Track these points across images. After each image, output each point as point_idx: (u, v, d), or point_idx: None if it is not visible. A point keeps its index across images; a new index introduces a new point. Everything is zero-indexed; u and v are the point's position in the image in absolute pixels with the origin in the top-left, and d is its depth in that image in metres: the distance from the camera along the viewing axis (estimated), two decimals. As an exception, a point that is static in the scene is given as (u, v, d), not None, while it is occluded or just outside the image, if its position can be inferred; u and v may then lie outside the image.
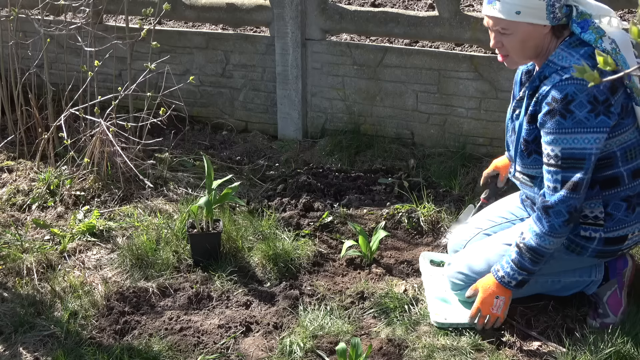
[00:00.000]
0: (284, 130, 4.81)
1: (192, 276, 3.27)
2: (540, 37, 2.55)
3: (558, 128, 2.47)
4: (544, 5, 2.48)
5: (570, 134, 2.46)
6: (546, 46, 2.59)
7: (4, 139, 4.43)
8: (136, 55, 4.63)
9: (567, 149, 2.48)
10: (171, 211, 3.80)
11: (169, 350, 2.78)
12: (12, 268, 3.31)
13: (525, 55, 2.63)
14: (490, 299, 2.77)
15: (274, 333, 2.90)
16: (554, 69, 2.52)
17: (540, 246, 2.62)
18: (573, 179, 2.51)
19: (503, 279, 2.74)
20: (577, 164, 2.50)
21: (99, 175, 4.00)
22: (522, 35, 2.54)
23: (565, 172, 2.52)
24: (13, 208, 3.89)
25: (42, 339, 2.87)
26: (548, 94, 2.49)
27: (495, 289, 2.77)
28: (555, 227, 2.56)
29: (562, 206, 2.54)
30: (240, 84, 4.89)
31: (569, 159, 2.49)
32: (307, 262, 3.36)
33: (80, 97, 4.15)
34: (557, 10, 2.50)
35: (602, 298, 2.89)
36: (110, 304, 3.07)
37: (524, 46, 2.57)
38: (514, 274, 2.70)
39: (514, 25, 2.52)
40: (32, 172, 4.21)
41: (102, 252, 3.51)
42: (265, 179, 4.26)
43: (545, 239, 2.60)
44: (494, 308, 2.77)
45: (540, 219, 2.59)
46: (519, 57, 2.65)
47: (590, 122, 2.44)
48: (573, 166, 2.50)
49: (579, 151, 2.48)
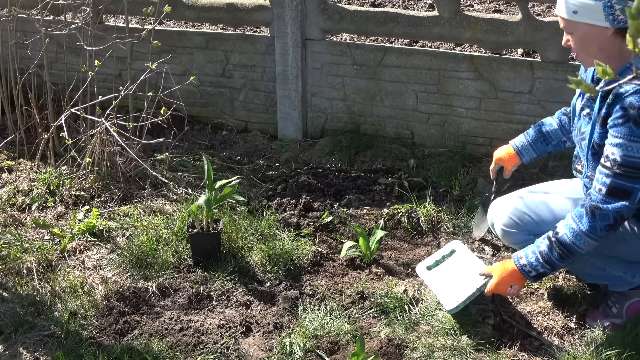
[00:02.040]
0: (284, 130, 4.81)
1: (192, 276, 3.27)
2: (604, 39, 2.46)
3: (628, 134, 2.38)
4: (600, 6, 2.40)
5: (638, 143, 2.38)
6: (617, 49, 2.47)
7: (4, 139, 4.43)
8: (136, 55, 4.63)
9: (629, 156, 2.40)
10: (171, 211, 3.80)
11: (169, 350, 2.78)
12: (12, 268, 3.31)
13: (590, 57, 2.53)
14: (504, 287, 2.73)
15: (274, 333, 2.90)
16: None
17: (574, 244, 2.54)
18: (626, 187, 2.44)
19: (524, 268, 2.66)
20: (633, 173, 2.42)
21: (99, 175, 4.00)
22: (581, 35, 2.49)
23: (619, 179, 2.44)
24: (13, 208, 3.89)
25: (42, 339, 2.87)
26: (625, 98, 2.38)
27: (511, 277, 2.71)
28: (596, 230, 2.49)
29: (611, 211, 2.46)
30: (240, 84, 4.88)
31: (627, 166, 2.42)
32: (307, 262, 3.36)
33: (80, 97, 4.14)
34: (619, 12, 2.38)
35: (626, 301, 2.87)
36: (110, 304, 3.07)
37: (585, 47, 2.51)
38: (537, 265, 2.63)
39: (573, 24, 2.50)
40: (32, 172, 4.21)
41: (102, 252, 3.51)
42: (265, 179, 4.26)
43: (582, 238, 2.52)
44: (507, 293, 2.76)
45: (581, 217, 2.52)
46: (584, 57, 2.57)
47: None
48: (629, 175, 2.42)
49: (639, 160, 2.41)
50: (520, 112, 4.20)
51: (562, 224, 2.59)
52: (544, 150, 3.11)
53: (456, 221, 3.65)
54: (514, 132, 4.24)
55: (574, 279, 3.17)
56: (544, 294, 3.11)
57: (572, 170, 2.90)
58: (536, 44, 4.07)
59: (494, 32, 4.11)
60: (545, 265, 2.62)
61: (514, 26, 4.06)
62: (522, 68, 4.11)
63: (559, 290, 3.12)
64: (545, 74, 4.08)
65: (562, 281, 3.17)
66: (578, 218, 2.53)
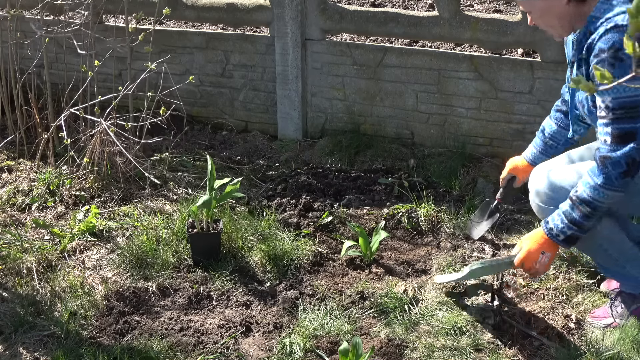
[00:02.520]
0: (284, 130, 4.81)
1: (192, 276, 3.27)
2: (561, 9, 2.53)
3: None
4: None
5: None
6: (576, 14, 2.53)
7: (4, 138, 4.43)
8: (136, 55, 4.63)
9: (617, 98, 2.40)
10: (171, 211, 3.80)
11: (169, 350, 2.78)
12: (12, 268, 3.31)
13: (556, 28, 2.62)
14: (536, 254, 2.68)
15: (273, 333, 2.90)
16: (598, 23, 2.45)
17: (593, 199, 2.52)
18: (628, 130, 2.43)
19: (552, 232, 2.64)
20: (629, 113, 2.42)
21: (99, 175, 4.00)
22: (539, 11, 2.58)
23: (619, 124, 2.43)
24: (13, 208, 3.89)
25: (42, 338, 2.87)
26: (595, 46, 2.42)
27: (543, 244, 2.68)
28: (611, 179, 2.48)
29: (621, 157, 2.44)
30: (240, 84, 4.88)
31: (620, 108, 2.41)
32: (307, 262, 3.36)
33: (80, 97, 4.14)
34: None
35: (634, 304, 2.87)
36: (110, 304, 3.07)
37: (547, 20, 2.60)
38: (564, 227, 2.60)
39: (529, 4, 2.59)
40: (32, 172, 4.21)
41: (102, 252, 3.51)
42: (265, 179, 4.26)
43: (599, 191, 2.50)
44: (537, 263, 2.69)
45: (595, 171, 2.51)
46: (549, 29, 2.65)
47: None
48: (625, 116, 2.42)
49: (631, 99, 2.40)
50: (521, 112, 4.20)
51: (580, 182, 2.58)
52: (557, 153, 3.11)
53: (456, 221, 3.65)
54: (514, 132, 4.24)
55: (574, 279, 3.17)
56: (544, 294, 3.11)
57: None
58: (536, 44, 4.07)
59: (494, 32, 4.11)
60: (571, 227, 2.59)
61: (514, 26, 4.07)
62: (522, 68, 4.11)
63: (559, 290, 3.12)
64: (545, 74, 4.07)
65: (561, 281, 3.17)
66: (592, 173, 2.52)
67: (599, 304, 3.02)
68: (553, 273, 3.24)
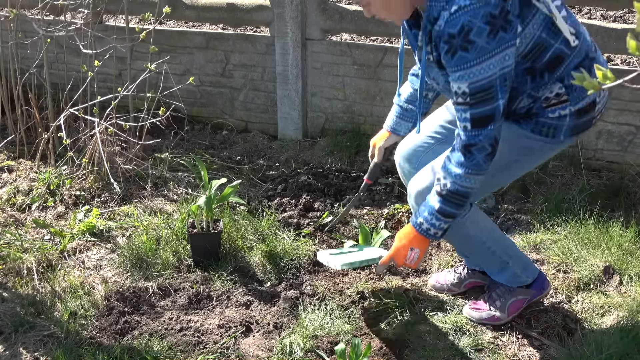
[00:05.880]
0: (284, 130, 4.81)
1: (192, 276, 3.27)
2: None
3: (463, 63, 2.31)
4: None
5: (475, 66, 2.30)
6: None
7: (4, 138, 4.43)
8: (136, 55, 4.63)
9: (474, 82, 2.33)
10: (171, 211, 3.80)
11: (169, 350, 2.79)
12: (12, 268, 3.31)
13: (399, 12, 2.47)
14: (404, 251, 2.66)
15: (274, 333, 2.90)
16: (440, 7, 2.33)
17: (465, 187, 2.48)
18: (487, 112, 2.38)
19: (429, 232, 2.59)
20: (486, 95, 2.35)
21: (99, 175, 4.00)
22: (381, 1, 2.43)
23: (477, 108, 2.37)
24: (13, 208, 3.89)
25: (42, 338, 2.87)
26: (443, 32, 2.32)
27: (412, 240, 2.65)
28: (480, 164, 2.44)
29: (484, 140, 2.41)
30: (241, 83, 4.88)
31: (478, 92, 2.35)
32: (307, 262, 3.36)
33: (80, 97, 4.14)
34: None
35: (510, 297, 2.92)
36: (110, 304, 3.07)
37: (389, 7, 2.45)
38: (440, 223, 2.57)
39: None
40: (32, 172, 4.21)
41: (102, 252, 3.51)
42: (265, 178, 4.26)
43: (469, 179, 2.47)
44: (407, 259, 2.67)
45: (461, 161, 2.45)
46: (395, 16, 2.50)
47: (491, 45, 2.27)
48: (482, 99, 2.36)
49: (487, 80, 2.33)
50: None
51: (445, 174, 2.52)
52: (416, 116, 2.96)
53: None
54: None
55: (572, 279, 3.17)
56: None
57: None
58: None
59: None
60: (447, 220, 2.56)
61: (514, 26, 4.06)
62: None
63: (558, 289, 3.12)
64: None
65: (561, 281, 3.17)
66: (458, 163, 2.46)
67: (599, 303, 3.02)
68: (553, 273, 3.24)
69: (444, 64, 2.40)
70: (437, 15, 2.34)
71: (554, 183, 4.00)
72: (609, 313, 2.97)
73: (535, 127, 2.59)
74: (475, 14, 2.25)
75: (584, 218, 3.54)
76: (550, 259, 3.34)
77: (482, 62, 2.30)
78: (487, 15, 2.25)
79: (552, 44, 2.44)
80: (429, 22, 2.39)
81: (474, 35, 2.26)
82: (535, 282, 2.95)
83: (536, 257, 3.38)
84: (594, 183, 3.98)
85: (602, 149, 4.14)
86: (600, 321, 2.92)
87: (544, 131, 2.59)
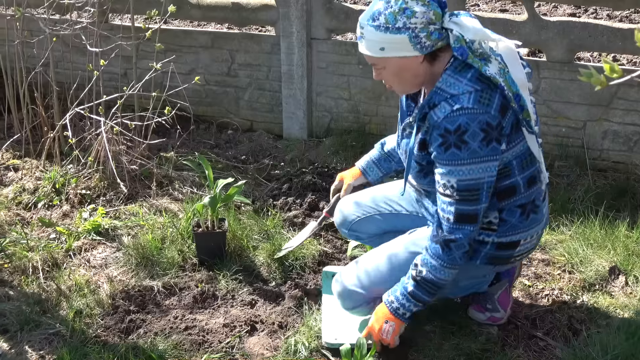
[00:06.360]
0: (289, 129, 4.81)
1: (197, 275, 3.27)
2: (417, 67, 2.42)
3: (454, 159, 2.37)
4: (407, 38, 2.33)
5: (466, 165, 2.36)
6: (428, 73, 2.45)
7: (10, 137, 4.44)
8: (142, 54, 4.64)
9: (462, 180, 2.39)
10: (176, 210, 3.80)
11: (174, 349, 2.79)
12: (18, 266, 3.32)
13: (407, 86, 2.52)
14: (379, 324, 2.65)
15: (278, 332, 2.91)
16: (443, 97, 2.36)
17: (439, 279, 2.53)
18: (470, 212, 2.43)
19: (398, 311, 2.62)
20: (472, 196, 2.41)
21: (105, 174, 4.01)
22: (395, 69, 2.43)
23: (462, 205, 2.42)
24: (19, 207, 3.90)
25: (48, 337, 2.88)
26: (439, 125, 2.36)
27: (386, 315, 2.65)
28: (456, 260, 2.49)
29: (464, 239, 2.46)
30: (246, 83, 4.89)
31: (465, 190, 2.40)
32: (312, 262, 3.36)
33: (85, 96, 4.15)
34: (425, 39, 2.34)
35: (493, 296, 2.92)
36: (116, 302, 3.08)
37: (401, 78, 2.47)
38: (410, 305, 2.60)
39: (383, 60, 2.42)
40: (38, 171, 4.22)
41: (107, 250, 3.51)
42: (270, 178, 4.26)
43: (445, 272, 2.51)
44: (383, 333, 2.65)
45: (438, 253, 2.49)
46: (401, 88, 2.55)
47: (483, 151, 2.35)
48: (469, 198, 2.41)
49: (475, 181, 2.39)
50: (526, 112, 4.19)
51: (421, 262, 2.55)
52: (389, 168, 3.04)
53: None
54: (519, 132, 4.23)
55: (577, 279, 3.16)
56: (548, 295, 3.10)
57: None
58: (542, 44, 4.06)
59: (499, 31, 4.07)
60: (417, 304, 2.60)
61: (519, 26, 4.06)
62: (528, 68, 4.10)
63: (564, 290, 3.12)
64: (551, 73, 4.07)
65: (567, 281, 3.17)
66: (436, 255, 2.50)
67: (605, 304, 3.01)
68: (558, 273, 3.24)
69: (432, 153, 2.44)
70: (437, 103, 2.38)
71: (560, 183, 3.99)
72: (614, 314, 2.96)
73: None
74: (474, 118, 2.33)
75: (589, 218, 3.53)
76: (556, 259, 3.33)
77: (473, 163, 2.37)
78: (484, 123, 2.34)
79: (516, 175, 2.52)
80: (427, 105, 2.42)
81: (469, 136, 2.33)
82: (501, 272, 2.94)
83: (542, 258, 3.37)
84: (599, 183, 3.97)
85: (607, 149, 4.13)
86: (606, 322, 2.91)
87: None
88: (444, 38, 2.38)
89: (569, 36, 3.97)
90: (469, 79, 2.36)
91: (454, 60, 2.40)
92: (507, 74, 2.39)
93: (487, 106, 2.33)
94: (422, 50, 2.37)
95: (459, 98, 2.34)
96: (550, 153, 4.17)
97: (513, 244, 2.63)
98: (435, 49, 2.39)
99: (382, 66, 2.45)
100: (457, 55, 2.37)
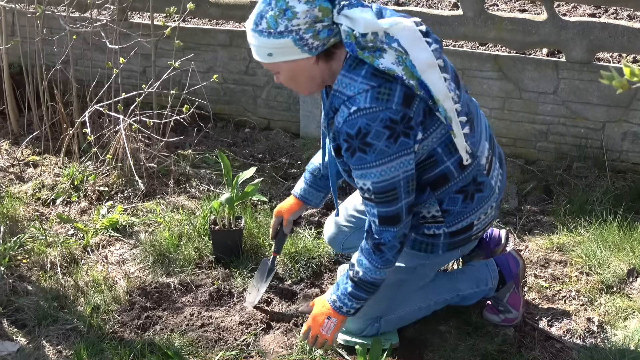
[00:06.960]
0: (306, 128, 4.81)
1: (214, 273, 3.28)
2: (310, 69, 2.30)
3: (362, 163, 2.28)
4: (291, 41, 2.20)
5: (376, 167, 2.28)
6: (327, 72, 2.33)
7: (29, 134, 4.48)
8: (160, 52, 4.65)
9: (376, 182, 2.31)
10: (193, 207, 3.82)
11: (190, 346, 2.80)
12: (36, 262, 3.35)
13: (306, 88, 2.41)
14: (322, 318, 2.63)
15: (294, 331, 2.91)
16: (342, 100, 2.26)
17: (375, 279, 2.50)
18: (391, 213, 2.38)
19: (342, 309, 2.59)
20: (390, 196, 2.34)
21: (123, 171, 4.03)
22: (288, 73, 2.32)
23: (382, 207, 2.37)
24: (38, 202, 3.94)
25: (65, 332, 2.91)
26: (341, 130, 2.27)
27: (330, 311, 2.63)
28: (389, 260, 2.46)
29: (393, 240, 2.42)
30: (263, 81, 4.89)
31: (381, 193, 2.33)
32: (328, 261, 3.37)
33: (104, 94, 4.18)
34: (312, 40, 2.20)
35: (503, 299, 2.91)
36: (132, 299, 3.10)
37: (297, 82, 2.36)
38: (352, 304, 2.57)
39: (275, 66, 2.31)
40: (57, 168, 4.25)
41: (124, 247, 3.53)
42: (287, 176, 4.27)
43: (380, 272, 2.48)
44: (323, 329, 2.62)
45: (372, 256, 2.46)
46: (301, 90, 2.44)
47: (392, 149, 2.24)
48: (387, 199, 2.34)
49: (389, 182, 2.31)
50: (545, 113, 4.17)
51: (357, 262, 2.53)
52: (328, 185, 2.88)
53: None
54: (537, 133, 4.22)
55: (595, 281, 3.14)
56: (565, 296, 3.09)
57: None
58: (561, 44, 4.04)
59: (518, 31, 4.08)
60: (359, 302, 2.58)
61: (539, 26, 4.03)
62: (547, 68, 4.08)
63: (581, 292, 3.10)
64: (570, 74, 4.04)
65: (584, 283, 3.15)
66: (369, 258, 2.48)
67: (623, 306, 2.99)
68: (575, 275, 3.22)
69: (343, 156, 2.36)
70: (338, 107, 2.30)
71: (578, 184, 3.96)
72: (632, 316, 2.94)
73: (414, 244, 2.64)
74: (373, 117, 2.21)
75: (607, 220, 3.50)
76: (574, 261, 3.31)
77: (382, 164, 2.28)
78: (386, 120, 2.22)
79: (445, 161, 2.42)
80: (331, 110, 2.34)
81: (372, 138, 2.23)
82: (504, 275, 2.93)
83: (559, 259, 3.35)
84: (618, 185, 3.94)
85: (627, 151, 4.10)
86: (624, 324, 2.89)
87: (423, 247, 2.64)
88: (336, 34, 2.24)
89: (588, 36, 3.94)
90: (364, 76, 2.24)
91: (349, 57, 2.27)
92: (406, 61, 2.24)
93: (387, 102, 2.21)
94: (311, 51, 2.23)
95: (355, 99, 2.22)
96: (569, 154, 4.14)
97: (465, 228, 2.57)
98: (329, 47, 2.25)
99: (276, 71, 2.35)
100: (348, 51, 2.25)
